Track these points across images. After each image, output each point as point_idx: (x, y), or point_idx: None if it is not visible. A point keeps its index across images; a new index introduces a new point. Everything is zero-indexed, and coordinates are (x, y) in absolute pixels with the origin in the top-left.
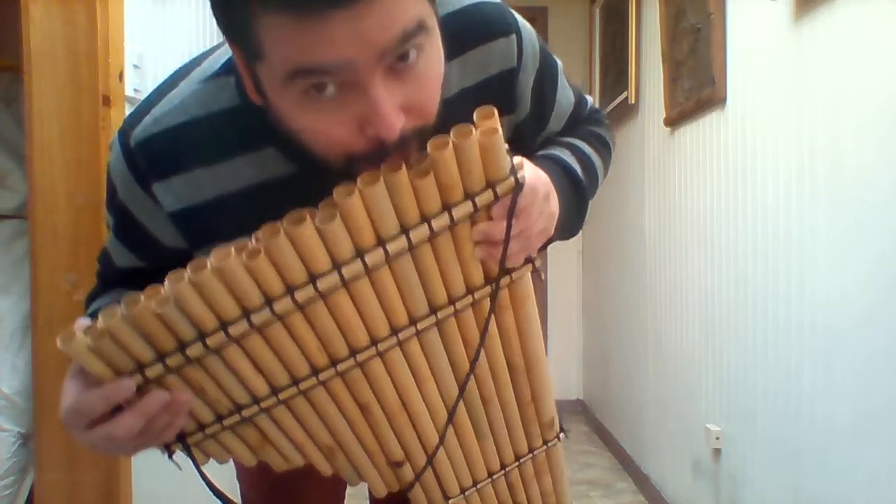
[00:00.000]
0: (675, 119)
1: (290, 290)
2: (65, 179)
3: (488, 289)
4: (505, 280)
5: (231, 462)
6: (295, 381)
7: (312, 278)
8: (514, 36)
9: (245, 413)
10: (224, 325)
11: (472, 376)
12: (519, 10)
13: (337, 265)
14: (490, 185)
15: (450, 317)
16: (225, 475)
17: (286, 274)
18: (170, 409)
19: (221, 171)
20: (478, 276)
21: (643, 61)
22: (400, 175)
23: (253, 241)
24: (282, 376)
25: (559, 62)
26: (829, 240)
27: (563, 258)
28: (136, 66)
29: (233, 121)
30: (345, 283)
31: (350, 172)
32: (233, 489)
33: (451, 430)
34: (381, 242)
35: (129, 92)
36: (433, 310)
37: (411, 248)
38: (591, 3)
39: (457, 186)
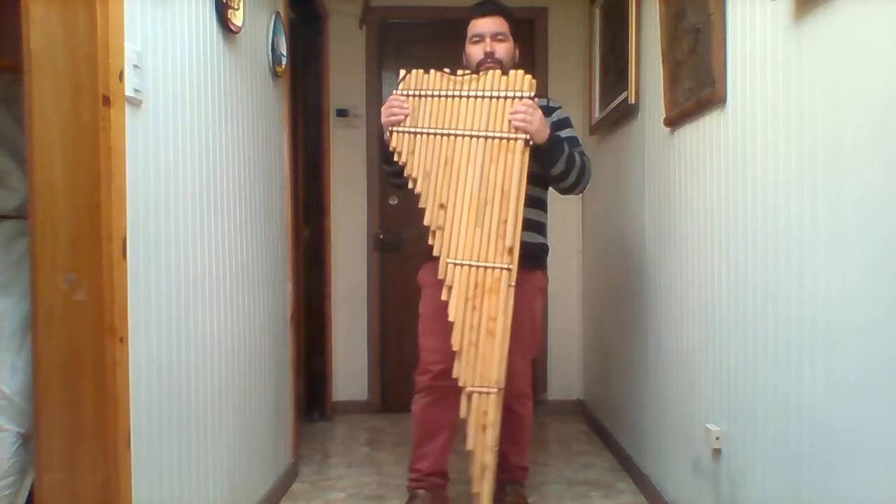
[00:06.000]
0: (675, 119)
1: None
2: (65, 179)
3: (512, 134)
4: (515, 137)
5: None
6: (439, 133)
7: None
8: (560, 109)
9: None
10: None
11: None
12: (519, 10)
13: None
14: (522, 92)
15: (496, 138)
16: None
17: (436, 85)
18: (396, 105)
19: None
20: (509, 129)
21: (643, 61)
22: (497, 73)
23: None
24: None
25: (569, 116)
26: (829, 239)
27: (564, 258)
28: (136, 66)
29: None
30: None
31: (479, 68)
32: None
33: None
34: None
35: (129, 92)
36: (494, 131)
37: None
38: (591, 3)
39: (512, 87)
